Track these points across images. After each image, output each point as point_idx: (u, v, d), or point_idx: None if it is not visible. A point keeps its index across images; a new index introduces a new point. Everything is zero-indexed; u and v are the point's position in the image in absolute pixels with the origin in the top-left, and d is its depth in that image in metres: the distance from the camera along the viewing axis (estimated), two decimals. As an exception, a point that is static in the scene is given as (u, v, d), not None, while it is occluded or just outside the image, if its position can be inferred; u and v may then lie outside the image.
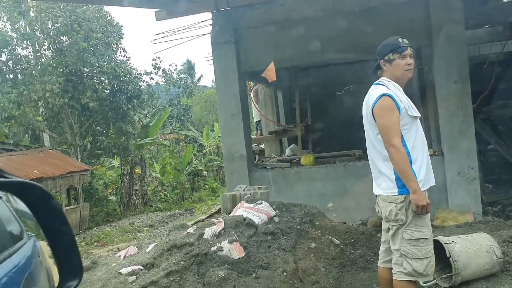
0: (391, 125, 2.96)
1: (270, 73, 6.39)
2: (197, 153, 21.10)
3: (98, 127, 16.24)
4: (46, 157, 14.20)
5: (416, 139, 3.06)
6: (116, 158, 17.79)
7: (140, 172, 16.50)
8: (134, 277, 3.79)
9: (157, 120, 18.69)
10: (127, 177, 16.16)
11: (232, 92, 7.21)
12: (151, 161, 18.99)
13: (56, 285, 1.23)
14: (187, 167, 18.12)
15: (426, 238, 2.99)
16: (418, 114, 3.10)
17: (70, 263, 1.19)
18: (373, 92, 3.09)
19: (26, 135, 17.62)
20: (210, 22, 7.37)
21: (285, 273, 3.81)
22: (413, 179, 2.92)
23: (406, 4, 6.52)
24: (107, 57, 15.30)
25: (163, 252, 4.03)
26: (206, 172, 20.16)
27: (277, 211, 4.86)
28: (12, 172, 12.77)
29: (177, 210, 14.75)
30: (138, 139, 16.94)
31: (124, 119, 15.77)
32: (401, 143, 2.94)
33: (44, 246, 1.36)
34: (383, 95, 2.99)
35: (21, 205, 1.26)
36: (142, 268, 3.93)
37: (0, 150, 14.26)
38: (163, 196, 17.03)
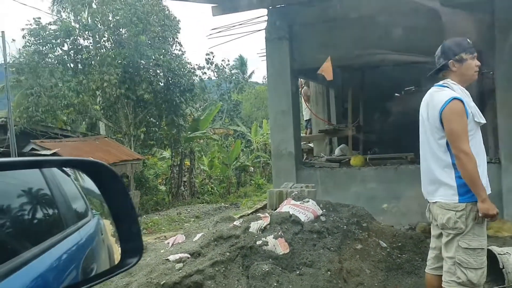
0: (461, 130, 2.84)
1: (326, 71, 6.33)
2: (244, 149, 21.29)
3: (151, 119, 16.71)
4: (101, 144, 14.78)
5: (480, 145, 2.95)
6: (167, 149, 18.25)
7: (189, 164, 16.84)
8: (181, 264, 3.90)
9: (207, 114, 19.00)
10: (177, 168, 16.55)
11: (284, 88, 7.21)
12: (199, 154, 19.35)
13: (116, 262, 1.30)
14: (235, 162, 18.33)
15: (483, 248, 2.89)
16: (484, 121, 2.97)
17: (131, 241, 1.25)
18: (439, 95, 2.97)
19: (84, 122, 18.38)
20: (265, 18, 7.41)
21: (329, 272, 3.80)
22: (482, 187, 2.82)
23: (469, 5, 6.27)
24: (163, 50, 15.68)
25: (209, 242, 4.12)
26: (252, 168, 20.32)
27: (324, 210, 4.83)
28: (68, 157, 13.39)
29: (223, 204, 14.96)
30: (189, 132, 17.29)
31: (177, 112, 16.13)
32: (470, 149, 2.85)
33: (107, 225, 1.43)
34: (454, 98, 2.87)
35: (88, 184, 1.33)
36: (189, 256, 4.04)
37: (59, 136, 14.99)
38: (210, 189, 17.33)
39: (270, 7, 7.20)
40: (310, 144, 10.17)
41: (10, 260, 0.97)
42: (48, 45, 14.74)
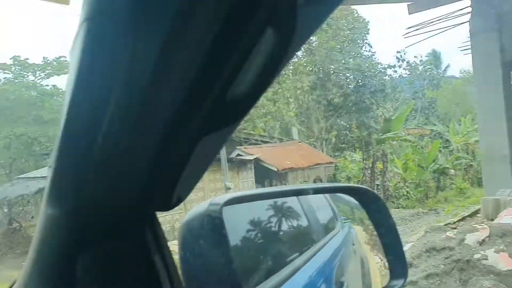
0: None
1: None
2: (442, 150, 19.78)
3: (342, 122, 16.85)
4: (296, 149, 15.47)
5: None
6: (357, 152, 18.12)
7: (381, 167, 16.43)
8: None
9: (399, 114, 18.21)
10: (369, 171, 16.31)
11: (493, 84, 6.51)
12: (392, 156, 18.66)
13: (375, 275, 1.32)
14: (432, 165, 17.17)
15: None
16: None
17: (396, 261, 1.25)
18: None
19: (278, 128, 19.50)
20: (469, 10, 6.81)
21: None
22: None
23: None
24: (353, 53, 15.69)
25: (421, 253, 3.94)
26: (453, 171, 18.72)
27: (556, 222, 4.19)
28: (268, 161, 14.37)
29: (420, 209, 14.18)
30: (380, 134, 16.89)
31: (367, 113, 15.94)
32: None
33: (359, 231, 1.46)
34: None
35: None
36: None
37: (258, 142, 16.20)
38: (405, 193, 16.58)
39: (475, -3, 6.60)
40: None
41: (271, 277, 1.03)
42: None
